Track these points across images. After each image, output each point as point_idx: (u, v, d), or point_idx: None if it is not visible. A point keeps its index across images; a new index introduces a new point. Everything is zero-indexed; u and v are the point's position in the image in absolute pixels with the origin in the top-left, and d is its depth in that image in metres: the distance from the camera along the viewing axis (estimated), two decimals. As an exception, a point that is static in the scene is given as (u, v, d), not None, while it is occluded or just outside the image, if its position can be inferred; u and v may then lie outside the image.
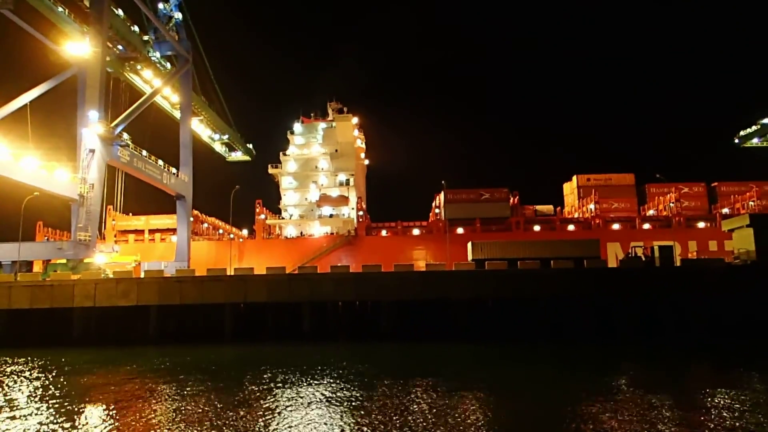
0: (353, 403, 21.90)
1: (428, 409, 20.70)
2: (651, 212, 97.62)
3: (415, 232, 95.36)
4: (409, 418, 19.32)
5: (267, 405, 21.91)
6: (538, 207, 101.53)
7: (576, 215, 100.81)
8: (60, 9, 64.68)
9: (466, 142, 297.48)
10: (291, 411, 20.76)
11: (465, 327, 42.82)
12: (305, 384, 25.95)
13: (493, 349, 38.49)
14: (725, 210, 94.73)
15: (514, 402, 22.58)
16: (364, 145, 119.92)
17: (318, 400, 22.52)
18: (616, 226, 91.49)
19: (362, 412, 20.42)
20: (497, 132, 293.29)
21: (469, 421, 18.93)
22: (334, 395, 23.32)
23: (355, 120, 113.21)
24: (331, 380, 26.83)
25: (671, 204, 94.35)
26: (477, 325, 42.82)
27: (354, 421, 19.28)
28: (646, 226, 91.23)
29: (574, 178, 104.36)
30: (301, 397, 22.95)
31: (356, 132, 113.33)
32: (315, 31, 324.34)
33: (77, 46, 66.70)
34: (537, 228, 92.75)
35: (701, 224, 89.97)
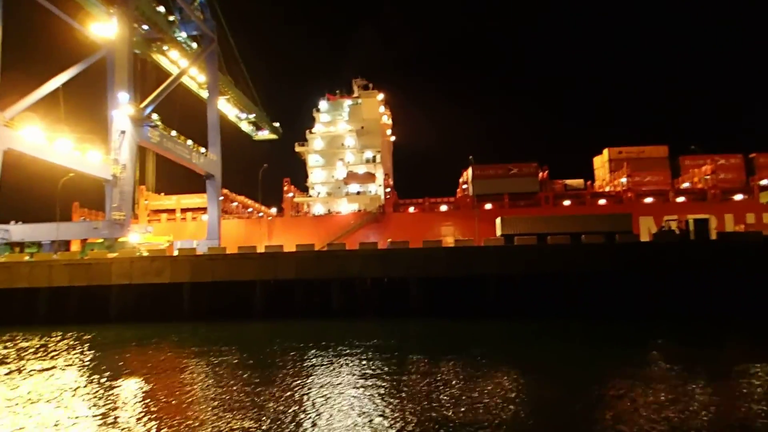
0: (382, 379, 22.09)
1: (457, 387, 20.75)
2: (685, 185, 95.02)
3: (443, 208, 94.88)
4: (438, 396, 19.40)
5: (297, 381, 22.27)
6: (568, 181, 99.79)
7: (607, 189, 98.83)
8: (87, -9, 65.30)
9: (494, 117, 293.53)
10: (320, 388, 21.05)
11: (494, 303, 42.64)
12: (334, 361, 26.26)
13: (523, 325, 38.30)
14: (763, 182, 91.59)
15: (545, 380, 22.45)
16: (390, 122, 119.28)
17: (346, 376, 22.77)
18: (648, 200, 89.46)
19: (391, 389, 20.59)
20: (525, 105, 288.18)
21: (499, 399, 18.92)
22: (363, 371, 23.56)
23: (380, 96, 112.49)
24: (360, 356, 27.10)
25: (707, 176, 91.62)
26: (506, 302, 42.59)
27: (382, 397, 19.45)
28: (680, 199, 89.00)
29: (605, 151, 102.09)
30: (331, 374, 23.24)
31: (382, 108, 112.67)
32: (340, 8, 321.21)
33: (104, 28, 67.42)
34: (567, 203, 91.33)
35: (738, 197, 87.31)
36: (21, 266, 46.82)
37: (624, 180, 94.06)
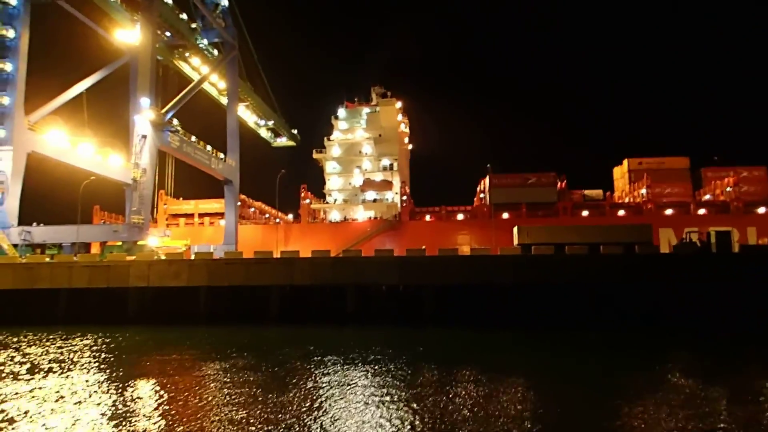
0: (395, 387, 21.93)
1: (471, 397, 20.50)
2: (707, 197, 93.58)
3: (460, 217, 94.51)
4: (452, 406, 19.18)
5: (310, 388, 22.21)
6: (587, 191, 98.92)
7: (627, 200, 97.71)
8: (112, -2, 66.59)
9: (512, 126, 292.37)
10: (334, 395, 20.96)
11: (510, 313, 42.22)
12: (348, 368, 26.16)
13: (539, 335, 37.85)
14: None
15: (560, 392, 22.11)
16: (408, 130, 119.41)
17: (360, 383, 22.66)
18: (669, 212, 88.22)
19: (404, 398, 20.42)
20: (545, 115, 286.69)
21: (513, 411, 18.65)
22: (377, 379, 23.43)
23: (398, 104, 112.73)
24: (375, 363, 26.96)
25: (729, 188, 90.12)
26: (522, 311, 42.16)
27: (395, 405, 19.30)
28: (702, 211, 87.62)
29: (625, 161, 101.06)
30: (344, 381, 23.15)
31: (400, 116, 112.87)
32: (359, 16, 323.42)
33: (128, 34, 68.67)
34: (585, 213, 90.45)
35: (762, 209, 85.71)
36: (42, 267, 47.51)
37: (644, 191, 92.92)
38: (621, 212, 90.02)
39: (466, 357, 30.20)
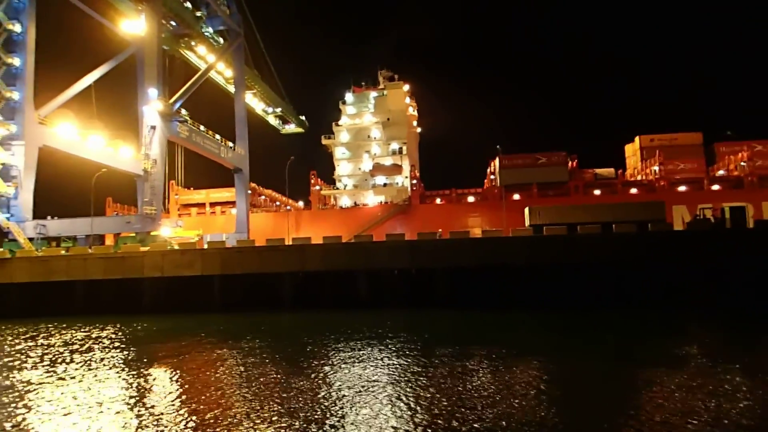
0: (409, 370, 22.04)
1: (485, 379, 20.54)
2: (721, 172, 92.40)
3: (470, 199, 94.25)
4: (466, 388, 19.21)
5: (325, 372, 22.38)
6: (598, 170, 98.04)
7: (639, 178, 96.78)
8: (117, -11, 66.43)
9: (521, 106, 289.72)
10: (348, 379, 21.10)
11: (522, 294, 42.19)
12: (361, 352, 26.31)
13: (552, 316, 37.82)
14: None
15: (577, 372, 22.12)
16: (416, 113, 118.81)
17: (373, 367, 22.79)
18: (682, 188, 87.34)
19: (418, 380, 20.52)
20: (553, 94, 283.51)
21: (528, 392, 18.66)
22: (390, 362, 23.55)
23: (406, 87, 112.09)
24: (388, 347, 27.10)
25: (743, 163, 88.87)
26: (535, 292, 42.11)
27: (409, 388, 19.40)
28: (715, 187, 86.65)
29: (637, 138, 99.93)
30: (358, 365, 23.28)
31: (408, 99, 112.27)
32: (364, 1, 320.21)
33: (134, 25, 68.55)
34: (597, 192, 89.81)
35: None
36: (58, 260, 48.11)
37: (656, 168, 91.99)
38: (633, 190, 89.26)
39: (480, 338, 30.27)
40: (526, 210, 52.56)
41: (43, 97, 61.99)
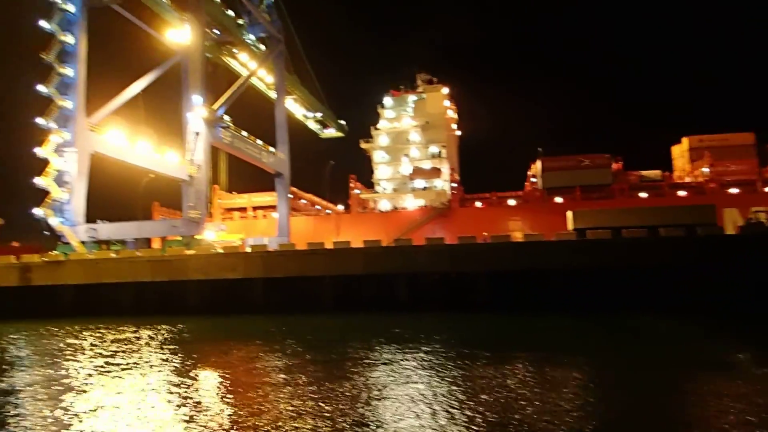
0: (450, 375, 21.83)
1: (528, 385, 20.09)
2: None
3: (511, 202, 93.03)
4: (507, 394, 18.86)
5: (365, 374, 22.39)
6: (644, 172, 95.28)
7: (687, 180, 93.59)
8: (162, -1, 68.48)
9: (564, 107, 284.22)
10: (387, 382, 21.05)
11: (565, 298, 41.34)
12: (401, 355, 26.23)
13: (597, 321, 36.90)
14: None
15: (625, 380, 21.47)
16: (455, 116, 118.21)
17: (414, 370, 22.67)
18: (733, 191, 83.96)
19: (459, 385, 20.30)
20: (596, 94, 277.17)
21: (573, 399, 18.20)
22: (431, 366, 23.38)
23: (445, 90, 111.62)
24: (429, 351, 26.94)
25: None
26: (578, 297, 41.18)
27: (450, 393, 19.21)
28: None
29: (684, 139, 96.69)
30: (398, 368, 23.21)
31: (447, 102, 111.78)
32: (402, 3, 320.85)
33: (178, 34, 70.49)
34: (643, 195, 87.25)
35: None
36: (108, 262, 49.84)
37: (706, 170, 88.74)
38: (681, 193, 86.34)
39: (522, 342, 29.78)
40: (569, 213, 51.52)
41: (94, 105, 64.31)
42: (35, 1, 60.42)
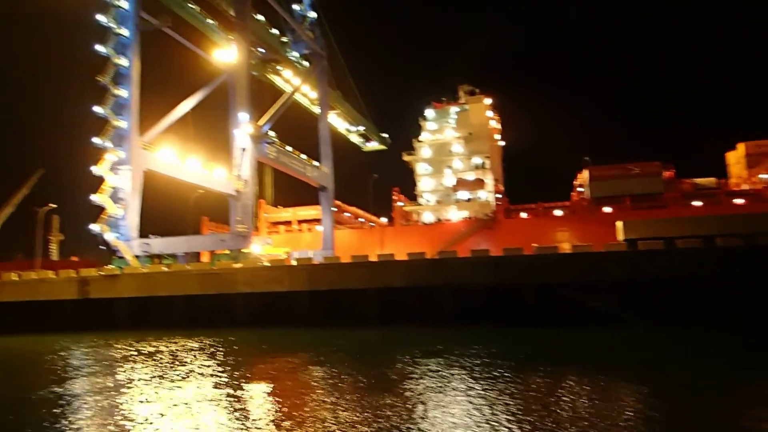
0: (496, 391, 21.36)
1: (579, 403, 19.39)
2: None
3: (557, 213, 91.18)
4: (558, 413, 18.27)
5: (411, 388, 22.18)
6: (698, 180, 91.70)
7: (744, 187, 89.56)
8: (209, 21, 70.84)
9: (610, 114, 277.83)
10: (435, 397, 20.78)
11: (616, 311, 40.09)
12: (449, 368, 25.90)
13: (649, 334, 35.59)
14: None
15: (679, 398, 20.52)
16: (499, 126, 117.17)
17: (460, 385, 22.30)
18: (796, 197, 79.89)
19: (505, 401, 19.82)
20: (645, 101, 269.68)
21: (630, 421, 17.48)
22: (479, 380, 22.97)
23: (488, 101, 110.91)
24: (475, 365, 26.50)
25: None
26: (631, 310, 39.87)
27: (497, 410, 18.77)
28: (835, 195, 78.59)
29: (740, 145, 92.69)
30: (445, 382, 22.90)
31: (490, 113, 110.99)
32: (443, 15, 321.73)
33: (225, 54, 72.70)
34: (697, 203, 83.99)
35: None
36: (160, 276, 51.40)
37: (765, 176, 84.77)
38: (738, 201, 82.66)
39: (572, 357, 28.96)
40: (619, 223, 50.06)
41: (146, 124, 66.73)
42: (91, 27, 63.43)
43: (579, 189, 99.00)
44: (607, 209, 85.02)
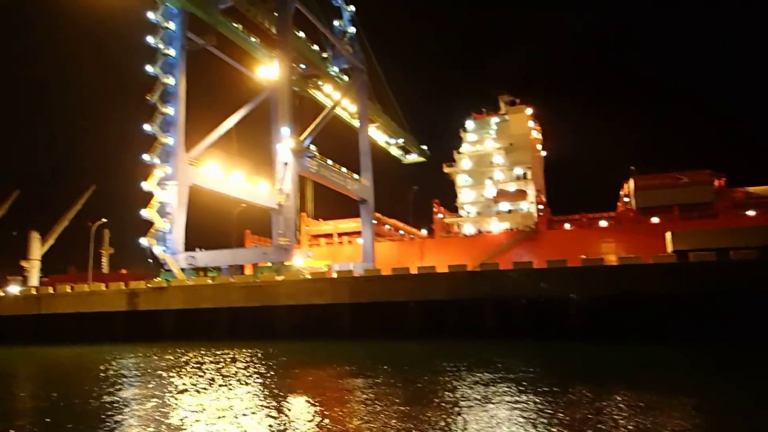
0: (542, 408, 20.85)
1: (629, 425, 18.71)
2: None
3: (602, 223, 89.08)
4: None
5: (453, 403, 21.88)
6: (751, 189, 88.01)
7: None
8: (252, 39, 72.71)
9: (655, 122, 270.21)
10: (477, 413, 20.43)
11: (665, 326, 38.65)
12: (491, 383, 25.45)
13: (702, 351, 34.13)
14: None
15: (740, 420, 19.58)
16: (540, 136, 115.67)
17: (503, 401, 21.86)
18: None
19: (552, 421, 19.32)
20: (693, 108, 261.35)
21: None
22: (525, 396, 22.48)
23: (529, 111, 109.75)
24: (520, 380, 25.96)
25: None
26: (681, 324, 38.36)
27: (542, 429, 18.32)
28: None
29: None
30: (487, 398, 22.50)
31: (531, 123, 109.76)
32: (482, 26, 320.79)
33: (267, 70, 74.44)
34: (751, 213, 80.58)
35: None
36: (206, 288, 52.56)
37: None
38: (796, 209, 79.02)
39: (619, 374, 28.05)
40: (668, 235, 48.54)
41: (192, 141, 68.79)
42: (140, 49, 66.04)
43: (625, 199, 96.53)
44: (655, 220, 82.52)
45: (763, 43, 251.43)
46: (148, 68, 64.62)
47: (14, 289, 67.60)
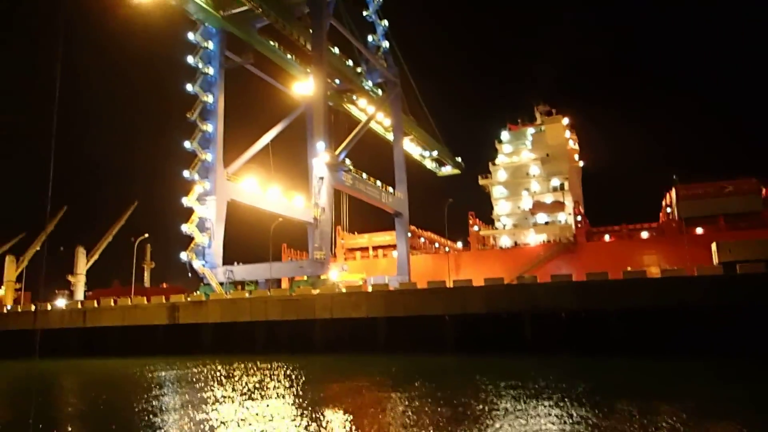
0: (587, 427, 20.28)
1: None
2: None
3: (644, 235, 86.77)
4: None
5: (490, 419, 21.49)
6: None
7: None
8: (288, 56, 74.11)
9: (699, 130, 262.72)
10: (515, 427, 19.99)
11: (711, 340, 37.14)
12: (530, 399, 24.91)
13: (751, 365, 32.68)
14: None
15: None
16: (577, 146, 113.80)
17: (543, 417, 21.36)
18: None
19: (599, 432, 18.74)
20: (738, 113, 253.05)
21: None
22: (565, 413, 21.91)
23: (565, 121, 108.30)
24: (559, 396, 25.34)
25: None
26: (727, 338, 36.81)
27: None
28: None
29: None
30: (526, 414, 22.01)
31: (567, 133, 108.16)
32: (516, 36, 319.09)
33: (303, 86, 75.65)
34: (802, 222, 77.23)
35: None
36: (243, 302, 53.26)
37: None
38: None
39: (664, 390, 27.08)
40: (714, 246, 46.96)
41: (230, 157, 70.28)
42: (181, 68, 68.09)
43: (667, 209, 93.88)
44: (699, 230, 79.90)
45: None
46: (188, 87, 66.46)
47: (61, 303, 69.95)
